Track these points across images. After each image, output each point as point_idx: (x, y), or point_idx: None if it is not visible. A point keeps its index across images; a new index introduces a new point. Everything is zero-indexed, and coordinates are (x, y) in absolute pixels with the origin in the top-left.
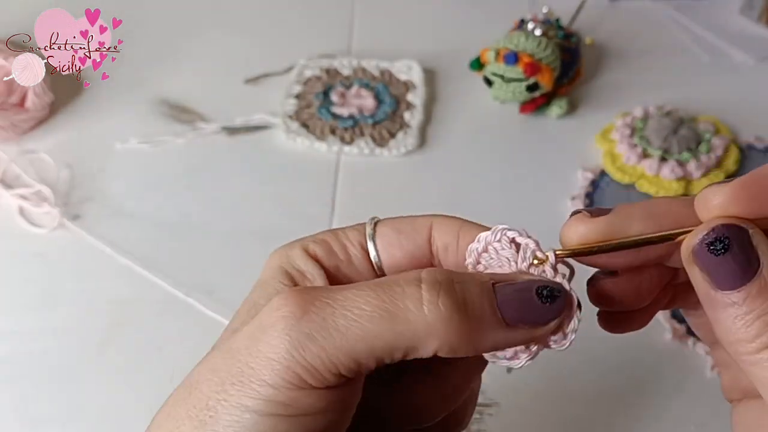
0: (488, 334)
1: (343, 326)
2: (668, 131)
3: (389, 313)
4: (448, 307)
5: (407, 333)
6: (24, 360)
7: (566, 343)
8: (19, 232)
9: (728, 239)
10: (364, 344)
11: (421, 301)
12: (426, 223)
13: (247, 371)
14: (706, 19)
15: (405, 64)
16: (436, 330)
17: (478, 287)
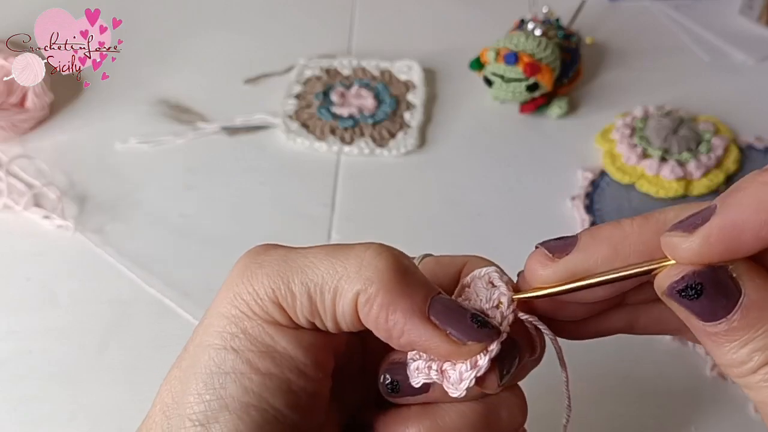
0: (407, 309)
1: (291, 258)
2: (668, 131)
3: (333, 253)
4: (386, 260)
5: (340, 269)
6: (24, 360)
7: (460, 388)
8: (18, 233)
9: (701, 285)
10: (301, 273)
11: (366, 248)
12: (462, 259)
13: (210, 311)
14: (706, 19)
15: (405, 64)
16: (366, 270)
17: (424, 278)
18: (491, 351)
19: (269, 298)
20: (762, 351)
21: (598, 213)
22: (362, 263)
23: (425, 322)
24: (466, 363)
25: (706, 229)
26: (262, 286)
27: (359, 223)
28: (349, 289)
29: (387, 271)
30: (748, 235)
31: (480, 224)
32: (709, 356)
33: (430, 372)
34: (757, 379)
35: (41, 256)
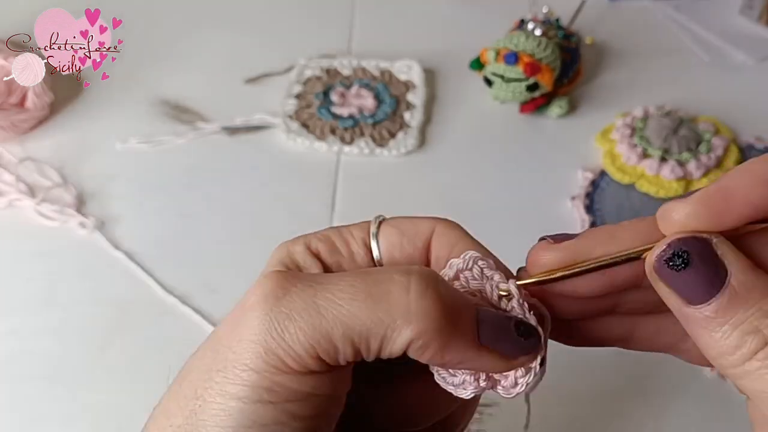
0: (460, 345)
1: (322, 307)
2: (668, 131)
3: (371, 295)
4: (433, 301)
5: (386, 318)
6: (24, 360)
7: (514, 392)
8: (19, 232)
9: (687, 253)
10: (342, 325)
11: (407, 288)
12: (428, 228)
13: (231, 357)
14: (706, 19)
15: (405, 64)
16: (416, 319)
17: (463, 299)
18: (542, 355)
19: (308, 354)
20: (754, 333)
21: (598, 213)
22: (409, 309)
23: (479, 350)
24: (520, 369)
25: (699, 193)
26: (299, 343)
27: None
28: (399, 339)
29: (436, 315)
30: (737, 198)
31: (480, 224)
32: None
33: (480, 383)
34: (755, 366)
35: (41, 256)
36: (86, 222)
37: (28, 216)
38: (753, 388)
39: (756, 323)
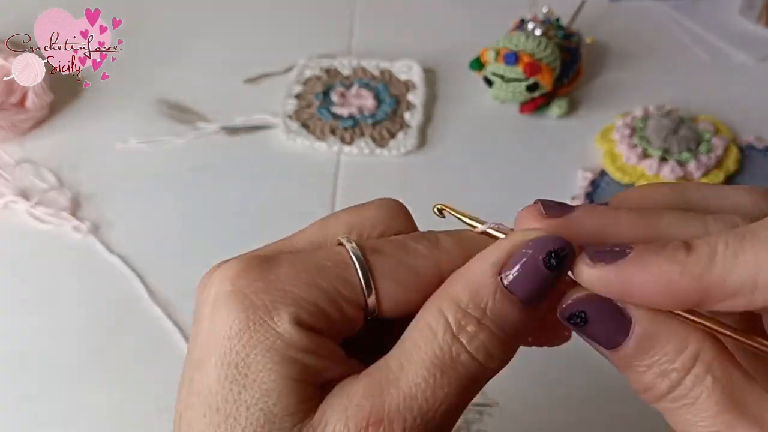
0: (525, 327)
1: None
2: (668, 131)
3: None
4: (502, 351)
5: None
6: (23, 360)
7: None
8: (18, 232)
9: (584, 313)
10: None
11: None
12: (435, 272)
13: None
14: (706, 19)
15: (405, 64)
16: (500, 368)
17: (499, 302)
18: None
19: None
20: (663, 376)
21: None
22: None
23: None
24: None
25: (607, 269)
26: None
27: None
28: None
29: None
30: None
31: None
32: None
33: None
34: (667, 406)
35: (41, 256)
36: (80, 226)
37: (22, 219)
38: (671, 422)
39: (664, 368)
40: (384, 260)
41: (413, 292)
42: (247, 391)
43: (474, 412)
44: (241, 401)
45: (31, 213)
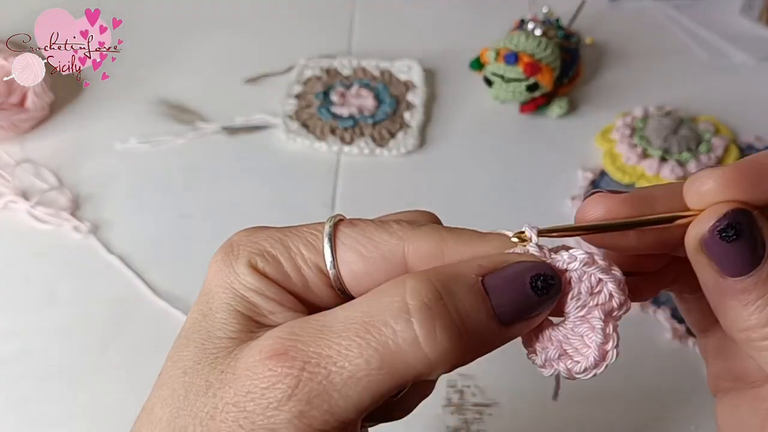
0: (486, 341)
1: (341, 386)
2: (668, 131)
3: (386, 362)
4: (447, 339)
5: (409, 374)
6: (24, 360)
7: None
8: (19, 232)
9: (740, 225)
10: (367, 396)
11: (417, 340)
12: (398, 250)
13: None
14: (706, 19)
15: (405, 64)
16: (439, 362)
17: (470, 295)
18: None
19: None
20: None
21: None
22: (429, 361)
23: (506, 331)
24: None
25: (731, 166)
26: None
27: None
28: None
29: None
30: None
31: (480, 224)
32: None
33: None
34: (760, 343)
35: (42, 256)
36: (80, 226)
37: (22, 219)
38: (761, 361)
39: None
40: (351, 231)
41: (372, 265)
42: (206, 320)
43: (474, 412)
44: (200, 328)
45: (31, 213)
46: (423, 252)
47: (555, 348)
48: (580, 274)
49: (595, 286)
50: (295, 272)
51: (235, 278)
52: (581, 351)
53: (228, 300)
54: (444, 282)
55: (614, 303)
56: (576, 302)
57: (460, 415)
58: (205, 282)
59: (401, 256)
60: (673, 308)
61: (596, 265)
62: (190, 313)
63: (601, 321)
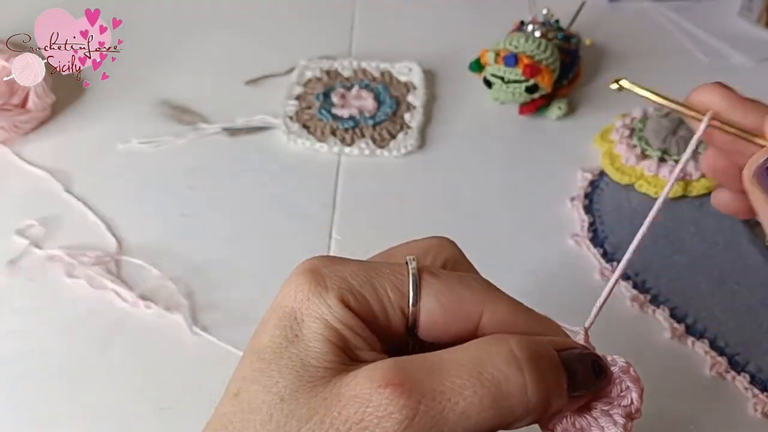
0: (561, 405)
1: (453, 421)
2: (667, 132)
3: (496, 402)
4: (546, 390)
5: (510, 418)
6: (26, 360)
7: None
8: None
9: None
10: (475, 430)
11: (525, 386)
12: (477, 309)
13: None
14: (705, 21)
15: (405, 65)
16: (535, 412)
17: (553, 362)
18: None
19: None
20: None
21: (597, 213)
22: (529, 407)
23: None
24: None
25: None
26: None
27: (360, 224)
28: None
29: (548, 400)
30: None
31: (480, 224)
32: (708, 355)
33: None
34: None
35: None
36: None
37: None
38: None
39: None
40: (435, 281)
41: (451, 317)
42: (294, 346)
43: None
44: (285, 353)
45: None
46: (499, 318)
47: (576, 428)
48: (616, 377)
49: (623, 390)
50: (382, 314)
51: (327, 310)
52: None
53: (321, 330)
54: (536, 346)
55: (632, 408)
56: (604, 397)
57: None
58: (283, 302)
59: (479, 316)
60: (672, 307)
61: (629, 375)
62: (267, 335)
63: (623, 419)
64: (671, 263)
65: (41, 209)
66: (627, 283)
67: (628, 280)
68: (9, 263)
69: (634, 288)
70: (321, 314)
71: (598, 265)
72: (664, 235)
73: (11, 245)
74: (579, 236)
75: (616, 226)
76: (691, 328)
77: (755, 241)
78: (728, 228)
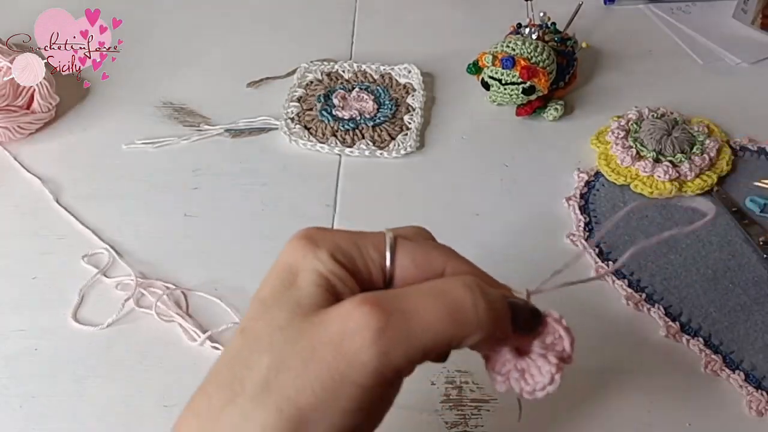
0: (504, 335)
1: (419, 332)
2: (662, 133)
3: (452, 317)
4: (492, 312)
5: (465, 330)
6: (30, 358)
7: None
8: (24, 232)
9: None
10: (435, 342)
11: (476, 306)
12: (441, 265)
13: (338, 377)
14: (700, 23)
15: (405, 67)
16: (483, 329)
17: (501, 300)
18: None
19: (408, 369)
20: None
21: (592, 213)
22: (479, 323)
23: (513, 334)
24: (545, 378)
25: None
26: (403, 363)
27: (360, 224)
28: (468, 342)
29: (494, 322)
30: None
31: (477, 224)
32: (702, 353)
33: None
34: None
35: (44, 255)
36: (90, 222)
37: (31, 216)
38: None
39: None
40: (408, 243)
41: (421, 272)
42: (290, 291)
43: (472, 407)
44: (283, 297)
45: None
46: (459, 271)
47: (517, 372)
48: (551, 328)
49: (556, 339)
50: (365, 269)
51: (320, 262)
52: (535, 378)
53: (313, 278)
54: (486, 285)
55: (564, 354)
56: (541, 344)
57: (458, 411)
58: (283, 260)
59: (443, 270)
60: (666, 306)
61: (562, 326)
62: (269, 285)
63: (555, 359)
64: (666, 262)
65: (41, 210)
66: (622, 282)
67: (623, 278)
68: None
69: (629, 287)
70: (314, 266)
71: (593, 265)
72: (659, 234)
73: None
74: (575, 236)
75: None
76: (686, 327)
77: (749, 240)
78: (722, 228)
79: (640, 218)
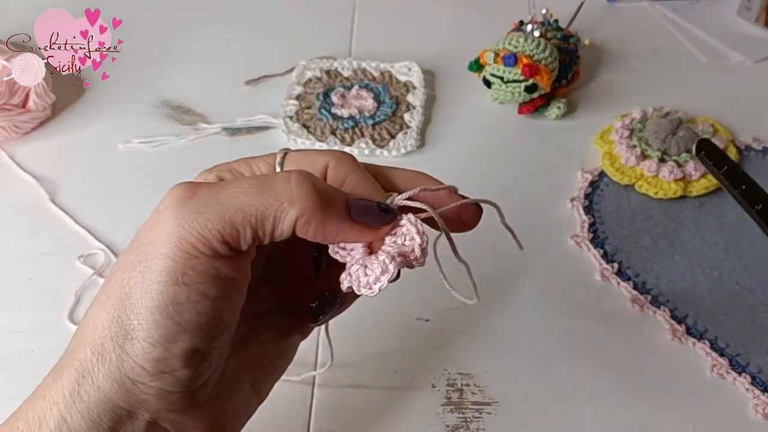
0: (335, 219)
1: (224, 200)
2: (667, 132)
3: (262, 187)
4: (310, 187)
5: (275, 202)
6: (26, 359)
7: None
8: (21, 232)
9: None
10: (241, 212)
11: (289, 180)
12: (322, 163)
13: (150, 249)
14: (704, 21)
15: (405, 65)
16: (298, 200)
17: (334, 188)
18: (398, 261)
19: (216, 238)
20: None
21: (597, 214)
22: (292, 194)
23: (351, 222)
24: (379, 269)
25: None
26: (207, 230)
27: None
28: (287, 218)
29: (314, 197)
30: None
31: (479, 224)
32: (709, 356)
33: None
34: None
35: (44, 255)
36: (87, 222)
37: (30, 215)
38: None
39: None
40: (296, 152)
41: None
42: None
43: (473, 410)
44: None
45: (34, 213)
46: (339, 172)
47: (361, 267)
48: (405, 231)
49: (407, 240)
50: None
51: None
52: (374, 268)
53: None
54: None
55: (412, 256)
56: (393, 244)
57: (459, 414)
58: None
59: (325, 170)
60: (672, 308)
61: (416, 228)
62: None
63: (401, 257)
64: (671, 264)
65: (36, 210)
66: (627, 284)
67: (629, 281)
68: None
69: (634, 289)
70: None
71: (598, 266)
72: (665, 235)
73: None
74: (579, 237)
75: (616, 227)
76: (692, 329)
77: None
78: (728, 228)
79: (645, 219)
